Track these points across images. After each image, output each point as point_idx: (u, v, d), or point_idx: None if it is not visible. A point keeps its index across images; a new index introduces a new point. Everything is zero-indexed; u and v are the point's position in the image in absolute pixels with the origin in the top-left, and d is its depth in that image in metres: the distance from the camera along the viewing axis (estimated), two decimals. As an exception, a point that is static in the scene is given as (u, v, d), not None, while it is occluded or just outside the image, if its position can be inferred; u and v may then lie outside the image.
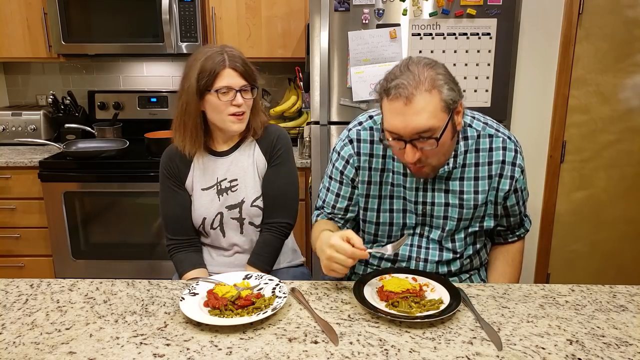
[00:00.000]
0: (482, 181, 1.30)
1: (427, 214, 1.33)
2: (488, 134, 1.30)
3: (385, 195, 1.35)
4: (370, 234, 1.41)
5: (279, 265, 1.63)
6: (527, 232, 1.49)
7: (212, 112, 1.45)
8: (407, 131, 1.13)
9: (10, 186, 2.60)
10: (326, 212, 1.45)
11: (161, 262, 2.64)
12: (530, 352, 0.98)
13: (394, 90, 1.12)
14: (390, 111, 1.14)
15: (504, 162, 1.29)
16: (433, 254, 1.35)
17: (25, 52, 2.74)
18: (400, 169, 1.32)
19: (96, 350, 0.99)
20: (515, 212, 1.38)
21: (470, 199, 1.30)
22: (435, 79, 1.12)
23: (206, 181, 1.54)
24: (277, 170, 1.55)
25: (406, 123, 1.12)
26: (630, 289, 1.25)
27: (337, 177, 1.40)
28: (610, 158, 2.55)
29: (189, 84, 1.42)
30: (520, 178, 1.33)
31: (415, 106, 1.11)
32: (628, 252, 2.65)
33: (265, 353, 0.98)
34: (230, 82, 1.42)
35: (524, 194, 1.39)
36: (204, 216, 1.54)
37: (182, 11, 2.61)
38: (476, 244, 1.39)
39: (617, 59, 2.44)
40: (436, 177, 1.29)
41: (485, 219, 1.34)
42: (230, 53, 1.43)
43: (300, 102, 2.83)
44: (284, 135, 1.57)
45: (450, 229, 1.33)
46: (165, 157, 1.57)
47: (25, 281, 1.28)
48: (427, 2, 2.18)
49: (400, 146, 1.16)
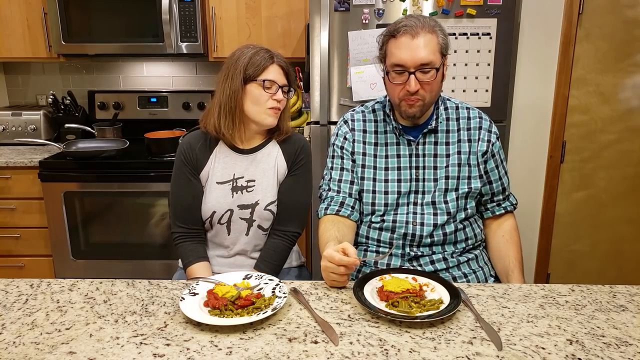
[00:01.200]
0: (463, 143, 1.47)
1: (419, 178, 1.46)
2: (465, 106, 1.52)
3: (379, 167, 1.48)
4: (368, 204, 1.48)
5: (280, 265, 1.63)
6: (514, 207, 1.58)
7: (252, 103, 1.48)
8: (413, 62, 1.32)
9: (10, 186, 2.60)
10: (333, 196, 1.49)
11: (161, 262, 2.64)
12: (530, 352, 0.98)
13: (402, 28, 1.33)
14: (398, 46, 1.34)
15: (480, 128, 1.49)
16: (428, 217, 1.44)
17: (25, 52, 2.74)
18: (394, 139, 1.48)
19: (96, 350, 0.99)
20: (495, 177, 1.51)
21: (454, 159, 1.46)
22: (434, 25, 1.35)
23: (222, 175, 1.55)
24: (296, 180, 1.57)
25: (413, 54, 1.32)
26: (630, 289, 1.25)
27: (338, 154, 1.53)
28: (610, 158, 2.55)
29: (236, 72, 1.46)
30: (497, 143, 1.51)
31: (420, 41, 1.32)
32: (628, 252, 2.65)
33: (265, 353, 0.98)
34: (275, 77, 1.48)
35: (504, 165, 1.54)
36: (214, 210, 1.53)
37: (182, 11, 2.61)
38: (467, 209, 1.47)
39: (617, 59, 2.44)
40: (425, 143, 1.47)
41: (471, 180, 1.46)
42: (276, 53, 1.51)
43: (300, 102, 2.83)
44: (307, 146, 1.61)
45: (441, 187, 1.45)
46: (185, 144, 1.57)
47: (25, 281, 1.28)
48: (427, 2, 2.18)
49: (403, 79, 1.35)
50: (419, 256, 1.44)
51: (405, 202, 1.46)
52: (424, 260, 1.44)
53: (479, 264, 1.49)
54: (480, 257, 1.51)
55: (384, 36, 1.39)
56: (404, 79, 1.35)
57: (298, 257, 1.73)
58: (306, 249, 2.60)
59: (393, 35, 1.35)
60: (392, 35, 1.35)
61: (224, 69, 1.49)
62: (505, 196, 1.56)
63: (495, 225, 1.56)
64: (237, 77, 1.46)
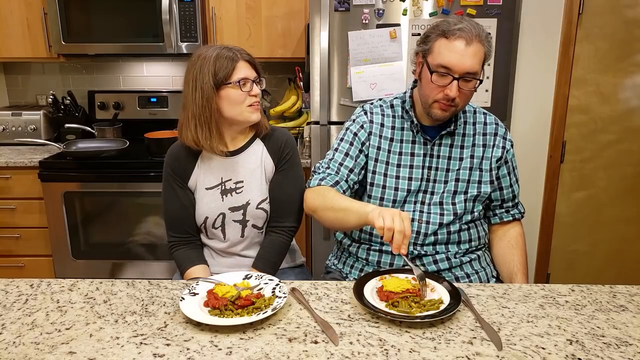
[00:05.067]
0: (478, 148, 1.47)
1: (430, 178, 1.46)
2: (482, 111, 1.52)
3: (392, 163, 1.47)
4: (377, 198, 1.48)
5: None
6: (522, 216, 1.58)
7: (230, 106, 1.45)
8: (461, 68, 1.31)
9: (10, 186, 2.60)
10: (330, 174, 1.46)
11: (161, 262, 2.64)
12: (530, 352, 0.98)
13: (458, 32, 1.30)
14: (450, 49, 1.31)
15: (496, 134, 1.49)
16: (434, 217, 1.44)
17: (25, 52, 2.73)
18: (410, 137, 1.47)
19: (96, 350, 0.99)
20: (507, 184, 1.52)
21: (467, 163, 1.46)
22: (485, 36, 1.34)
23: (210, 180, 1.54)
24: (285, 175, 1.56)
25: (462, 61, 1.30)
26: (630, 289, 1.25)
27: (348, 139, 1.51)
28: (610, 158, 2.55)
29: (204, 81, 1.42)
30: (511, 151, 1.51)
31: (472, 49, 1.31)
32: (628, 252, 2.65)
33: (265, 353, 0.98)
34: (246, 73, 1.45)
35: (516, 173, 1.55)
36: (207, 215, 1.54)
37: (182, 11, 2.61)
38: (474, 212, 1.46)
39: (617, 59, 2.44)
40: (441, 144, 1.46)
41: (482, 184, 1.46)
42: (236, 48, 1.47)
43: (300, 102, 2.83)
44: (291, 139, 1.59)
45: (450, 189, 1.45)
46: (170, 155, 1.57)
47: (25, 281, 1.28)
48: (427, 2, 2.18)
49: (445, 82, 1.33)
50: (422, 255, 1.43)
51: (412, 201, 1.46)
52: (427, 259, 1.43)
53: (482, 265, 1.49)
54: (483, 257, 1.51)
55: (433, 33, 1.35)
56: (445, 82, 1.33)
57: (298, 256, 1.73)
58: (306, 249, 2.60)
59: (446, 35, 1.31)
60: (444, 35, 1.32)
61: (189, 80, 1.45)
62: (514, 204, 1.56)
63: (502, 232, 1.56)
64: (207, 86, 1.42)
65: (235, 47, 1.47)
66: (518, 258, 1.49)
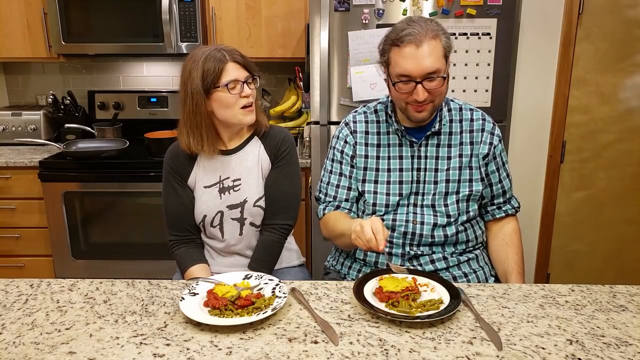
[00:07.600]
0: (465, 146, 1.46)
1: (420, 180, 1.45)
2: (469, 108, 1.51)
3: (382, 169, 1.48)
4: (369, 204, 1.47)
5: (279, 265, 1.63)
6: (516, 211, 1.56)
7: (222, 109, 1.45)
8: (419, 72, 1.30)
9: (10, 186, 2.60)
10: (330, 201, 1.52)
11: (161, 262, 2.64)
12: (530, 352, 0.98)
13: (406, 37, 1.30)
14: (403, 56, 1.31)
15: (483, 130, 1.48)
16: (428, 217, 1.44)
17: (25, 52, 2.73)
18: (396, 140, 1.47)
19: (96, 350, 0.99)
20: (496, 179, 1.50)
21: (456, 162, 1.45)
22: (436, 29, 1.32)
23: (209, 179, 1.55)
24: (280, 172, 1.55)
25: (418, 65, 1.29)
26: (630, 289, 1.25)
27: (337, 158, 1.52)
28: (610, 158, 2.55)
29: (193, 86, 1.41)
30: (499, 146, 1.49)
31: (425, 50, 1.29)
32: (628, 252, 2.65)
33: (265, 353, 0.98)
34: (236, 75, 1.43)
35: (506, 167, 1.53)
36: (205, 213, 1.54)
37: (182, 11, 2.61)
38: (469, 212, 1.46)
39: (617, 59, 2.44)
40: (427, 145, 1.45)
41: (473, 183, 1.45)
42: (227, 49, 1.45)
43: (300, 102, 2.83)
44: (289, 137, 1.58)
45: (441, 190, 1.44)
46: (170, 154, 1.57)
47: (25, 281, 1.28)
48: (427, 2, 2.18)
49: (410, 88, 1.33)
50: (419, 255, 1.44)
51: (405, 203, 1.45)
52: (424, 259, 1.43)
53: (479, 264, 1.49)
54: (481, 256, 1.51)
55: (386, 44, 1.35)
56: (410, 88, 1.33)
57: (298, 256, 1.73)
58: (306, 249, 2.60)
59: (396, 44, 1.31)
60: (395, 44, 1.32)
61: (181, 84, 1.45)
62: (506, 199, 1.54)
63: (496, 228, 1.55)
64: (196, 91, 1.41)
65: (226, 48, 1.45)
66: (512, 257, 1.48)
